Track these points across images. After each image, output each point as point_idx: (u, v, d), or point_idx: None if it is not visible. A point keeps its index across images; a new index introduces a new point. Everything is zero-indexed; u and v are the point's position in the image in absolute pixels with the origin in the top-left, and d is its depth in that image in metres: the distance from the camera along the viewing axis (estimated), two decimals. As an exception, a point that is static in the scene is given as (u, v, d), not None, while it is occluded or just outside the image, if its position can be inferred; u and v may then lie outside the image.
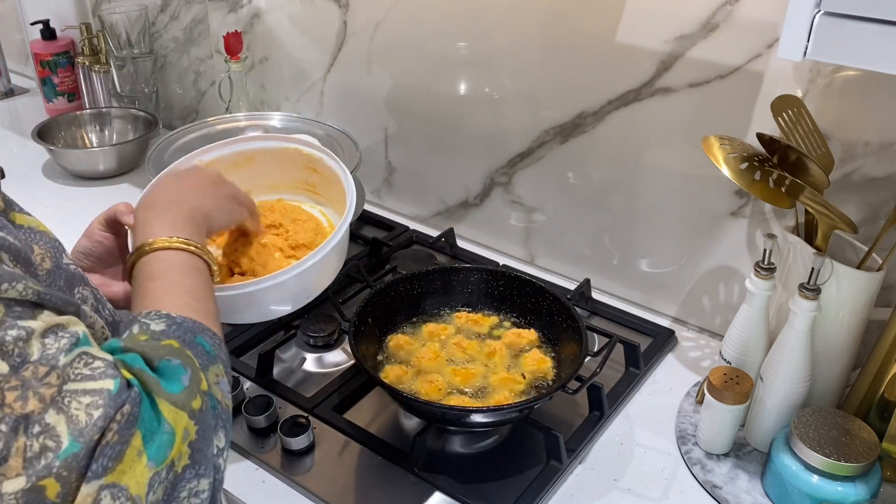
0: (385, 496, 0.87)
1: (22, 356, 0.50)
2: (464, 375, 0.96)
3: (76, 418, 0.50)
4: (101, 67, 1.73)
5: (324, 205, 1.05)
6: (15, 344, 0.49)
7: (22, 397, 0.49)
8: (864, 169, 0.93)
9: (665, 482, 0.91)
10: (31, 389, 0.49)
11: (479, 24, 1.20)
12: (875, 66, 0.61)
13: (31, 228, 0.59)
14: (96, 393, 0.51)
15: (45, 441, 0.48)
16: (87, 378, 0.51)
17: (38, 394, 0.49)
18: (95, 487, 0.49)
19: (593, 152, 1.16)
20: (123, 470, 0.50)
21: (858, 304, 0.88)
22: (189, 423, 0.55)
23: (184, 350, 0.59)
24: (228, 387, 0.63)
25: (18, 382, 0.49)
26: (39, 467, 0.48)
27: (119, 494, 0.50)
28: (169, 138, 1.30)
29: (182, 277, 0.67)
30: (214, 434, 0.58)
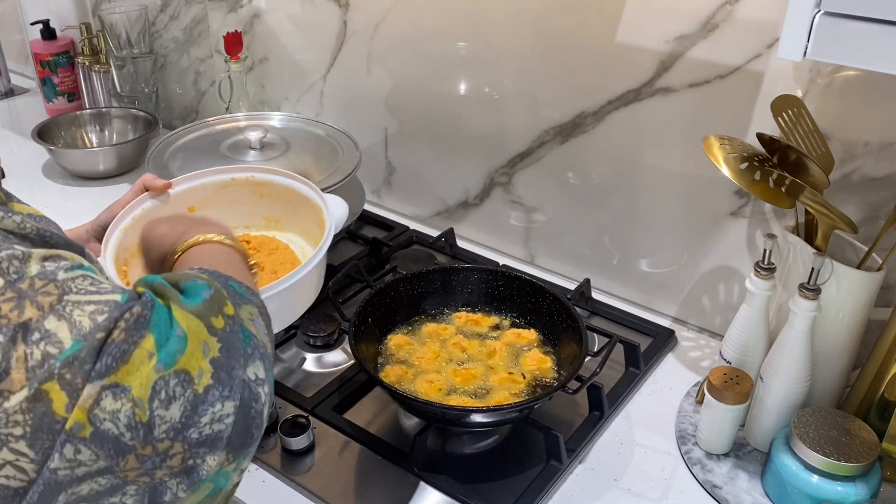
0: (385, 496, 0.87)
1: (19, 273, 0.47)
2: (464, 376, 0.96)
3: (79, 323, 0.46)
4: (101, 67, 1.73)
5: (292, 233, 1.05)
6: (10, 261, 0.47)
7: (18, 307, 0.46)
8: (864, 169, 0.93)
9: (665, 482, 0.91)
10: (28, 299, 0.46)
11: (479, 24, 1.20)
12: (875, 66, 0.61)
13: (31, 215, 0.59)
14: (101, 303, 0.48)
15: (47, 347, 0.45)
16: (91, 292, 0.48)
17: (35, 302, 0.46)
18: (97, 388, 0.46)
19: (593, 152, 1.16)
20: (129, 370, 0.46)
21: (858, 304, 0.88)
22: (209, 337, 0.50)
23: (213, 280, 0.55)
24: (266, 329, 0.57)
25: (14, 294, 0.46)
26: (41, 372, 0.45)
27: (121, 395, 0.46)
28: (169, 138, 1.30)
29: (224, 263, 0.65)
30: (250, 361, 0.52)
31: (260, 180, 1.01)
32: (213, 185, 0.99)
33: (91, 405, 0.45)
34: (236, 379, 0.51)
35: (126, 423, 0.46)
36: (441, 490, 0.88)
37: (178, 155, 1.26)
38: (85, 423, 0.45)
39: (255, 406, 0.52)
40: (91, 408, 0.45)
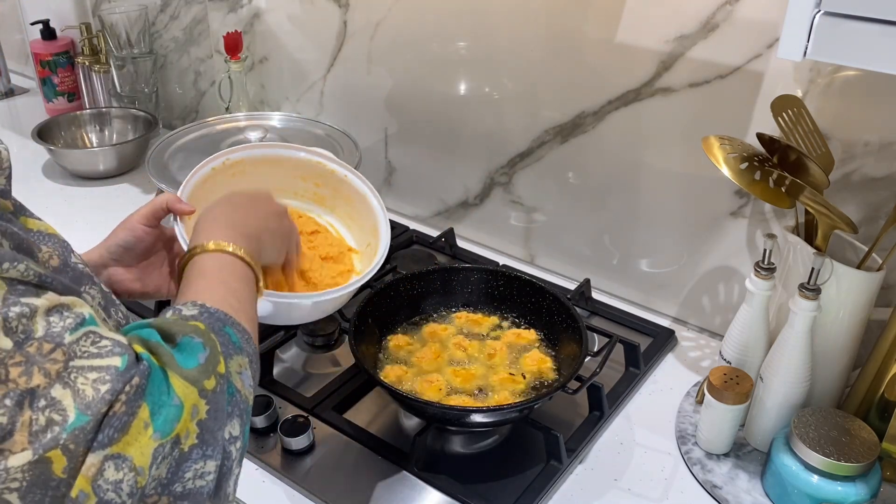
0: (385, 496, 0.87)
1: (26, 332, 0.49)
2: (464, 376, 0.96)
3: (83, 392, 0.49)
4: (101, 67, 1.73)
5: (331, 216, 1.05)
6: (18, 321, 0.49)
7: (26, 373, 0.48)
8: (864, 169, 0.93)
9: (665, 482, 0.91)
10: (36, 365, 0.49)
11: (479, 24, 1.20)
12: (875, 66, 0.61)
13: (40, 232, 0.59)
14: (103, 369, 0.50)
15: (52, 415, 0.48)
16: (94, 356, 0.51)
17: (42, 369, 0.49)
18: (100, 458, 0.49)
19: (593, 152, 1.16)
20: (129, 441, 0.50)
21: (858, 304, 0.88)
22: (199, 400, 0.54)
23: (208, 333, 0.58)
24: (252, 381, 0.62)
25: (22, 358, 0.48)
26: (46, 440, 0.47)
27: (122, 465, 0.50)
28: (169, 138, 1.30)
29: (230, 279, 0.68)
30: (229, 420, 0.57)
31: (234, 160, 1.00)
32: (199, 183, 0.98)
33: (94, 474, 0.49)
34: (219, 440, 0.56)
35: (128, 492, 0.50)
36: (441, 490, 0.88)
37: (178, 155, 1.26)
38: (90, 493, 0.49)
39: (227, 463, 0.57)
40: (94, 477, 0.49)
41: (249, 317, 0.66)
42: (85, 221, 1.42)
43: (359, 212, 1.01)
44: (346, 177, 1.01)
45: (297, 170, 1.03)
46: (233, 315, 0.63)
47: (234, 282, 0.68)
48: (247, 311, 0.66)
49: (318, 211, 1.06)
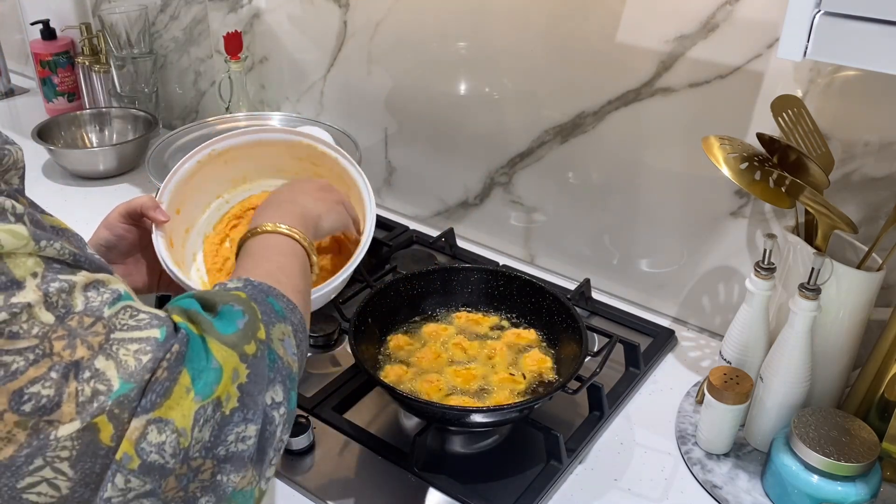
0: (385, 496, 0.87)
1: (66, 307, 0.50)
2: (464, 376, 0.96)
3: (125, 363, 0.50)
4: (101, 67, 1.73)
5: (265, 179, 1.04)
6: (58, 296, 0.50)
7: (70, 346, 0.49)
8: (864, 169, 0.93)
9: (665, 482, 0.91)
10: (79, 338, 0.50)
11: (479, 24, 1.20)
12: (875, 66, 0.61)
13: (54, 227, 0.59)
14: (143, 341, 0.52)
15: (97, 385, 0.49)
16: (133, 328, 0.52)
17: (85, 342, 0.50)
18: (143, 422, 0.50)
19: (593, 152, 1.16)
20: (171, 405, 0.51)
21: (858, 304, 0.88)
22: (240, 364, 0.56)
23: (249, 301, 0.60)
24: (296, 349, 0.62)
25: (65, 332, 0.49)
26: (93, 409, 0.49)
27: (165, 428, 0.51)
28: (169, 138, 1.30)
29: (277, 255, 0.70)
30: (271, 385, 0.58)
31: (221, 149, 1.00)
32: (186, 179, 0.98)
33: (137, 438, 0.50)
34: (259, 404, 0.57)
35: (171, 452, 0.51)
36: (441, 490, 0.88)
37: (178, 155, 1.26)
38: (133, 455, 0.50)
39: (270, 428, 0.58)
40: (138, 440, 0.50)
41: (297, 289, 0.68)
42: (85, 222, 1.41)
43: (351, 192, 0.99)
44: (337, 159, 1.00)
45: (289, 150, 1.02)
46: (278, 287, 0.64)
47: (280, 257, 0.70)
48: (294, 284, 0.68)
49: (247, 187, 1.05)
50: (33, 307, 0.48)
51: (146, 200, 0.87)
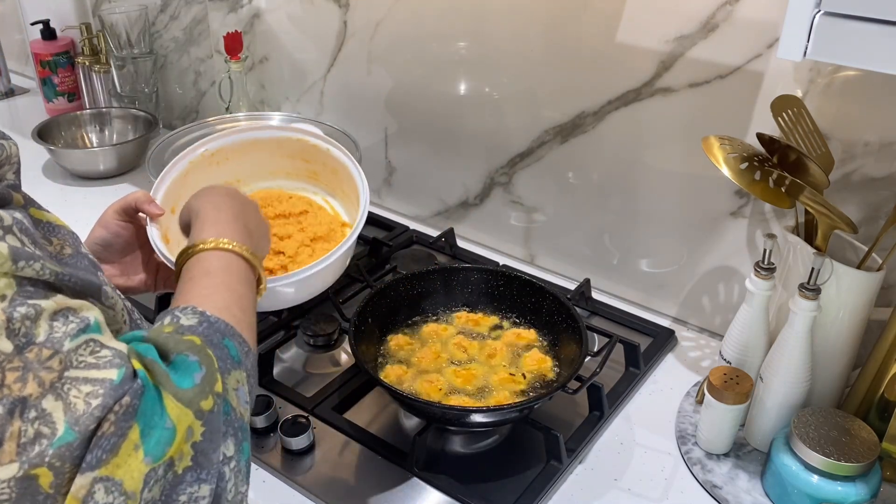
0: (385, 496, 0.87)
1: (27, 336, 0.48)
2: (465, 376, 0.96)
3: (74, 406, 0.48)
4: (101, 67, 1.73)
5: (326, 192, 1.05)
6: (22, 322, 0.48)
7: (21, 379, 0.47)
8: (864, 169, 0.93)
9: (665, 482, 0.91)
10: (32, 372, 0.48)
11: (479, 24, 1.20)
12: (875, 66, 0.61)
13: (49, 223, 0.59)
14: (97, 382, 0.49)
15: (40, 427, 0.47)
16: (91, 366, 0.50)
17: (38, 377, 0.48)
18: (89, 479, 0.48)
19: (593, 152, 1.16)
20: (118, 463, 0.48)
21: (858, 304, 0.88)
22: (195, 422, 0.53)
23: (205, 348, 0.57)
24: (248, 397, 0.60)
25: (21, 364, 0.48)
26: (33, 454, 0.47)
27: (113, 489, 0.48)
28: (169, 138, 1.30)
29: (236, 283, 0.67)
30: (223, 440, 0.55)
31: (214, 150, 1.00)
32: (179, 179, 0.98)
33: (84, 496, 0.47)
34: (214, 462, 0.54)
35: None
36: (441, 490, 0.88)
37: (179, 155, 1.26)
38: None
39: (222, 484, 0.55)
40: (84, 499, 0.47)
41: (250, 324, 0.65)
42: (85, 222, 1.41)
43: (347, 183, 0.99)
44: (328, 150, 0.99)
45: (280, 149, 1.02)
46: (234, 325, 0.61)
47: (237, 285, 0.67)
48: (248, 320, 0.65)
49: (314, 188, 1.04)
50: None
51: (140, 195, 0.85)
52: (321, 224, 0.99)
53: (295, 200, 1.01)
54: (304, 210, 1.00)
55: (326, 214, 1.01)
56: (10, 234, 0.50)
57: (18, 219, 0.52)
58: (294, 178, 1.05)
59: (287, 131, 1.01)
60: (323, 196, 1.04)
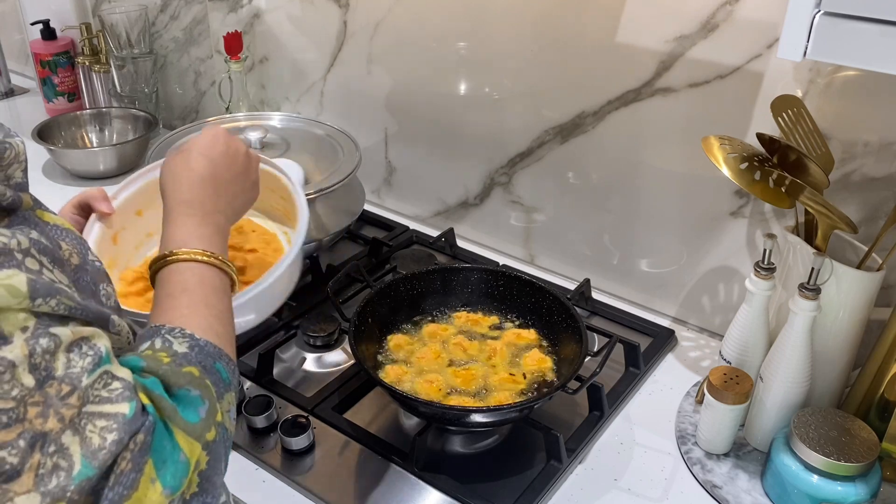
0: (385, 496, 0.87)
1: (47, 370, 0.50)
2: (464, 376, 0.96)
3: (90, 441, 0.50)
4: (101, 67, 1.73)
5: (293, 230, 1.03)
6: (42, 356, 0.49)
7: (43, 414, 0.49)
8: (864, 169, 0.93)
9: (665, 482, 0.91)
10: (53, 408, 0.49)
11: (479, 25, 1.20)
12: (875, 66, 0.61)
13: (57, 226, 0.59)
14: (111, 417, 0.51)
15: (58, 460, 0.49)
16: (104, 400, 0.52)
17: (58, 413, 0.49)
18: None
19: (593, 152, 1.16)
20: (139, 498, 0.51)
21: (858, 304, 0.88)
22: (202, 453, 0.56)
23: (204, 379, 0.59)
24: (234, 413, 0.63)
25: (42, 398, 0.49)
26: (52, 486, 0.48)
27: None
28: (169, 138, 1.30)
29: (213, 298, 0.67)
30: (223, 461, 0.59)
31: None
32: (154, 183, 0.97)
33: None
34: (217, 485, 0.58)
35: None
36: (441, 490, 0.88)
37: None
38: None
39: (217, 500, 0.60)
40: None
41: (230, 337, 0.66)
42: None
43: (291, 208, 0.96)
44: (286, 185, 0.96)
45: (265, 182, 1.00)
46: (220, 345, 0.63)
47: (215, 300, 0.67)
48: (229, 334, 0.66)
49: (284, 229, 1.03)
50: (17, 367, 0.48)
51: (95, 192, 0.87)
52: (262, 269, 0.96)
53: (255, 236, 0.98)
54: (253, 248, 0.98)
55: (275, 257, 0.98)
56: (29, 257, 0.51)
57: (35, 238, 0.53)
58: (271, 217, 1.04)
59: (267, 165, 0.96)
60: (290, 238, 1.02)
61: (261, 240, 1.01)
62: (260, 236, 1.01)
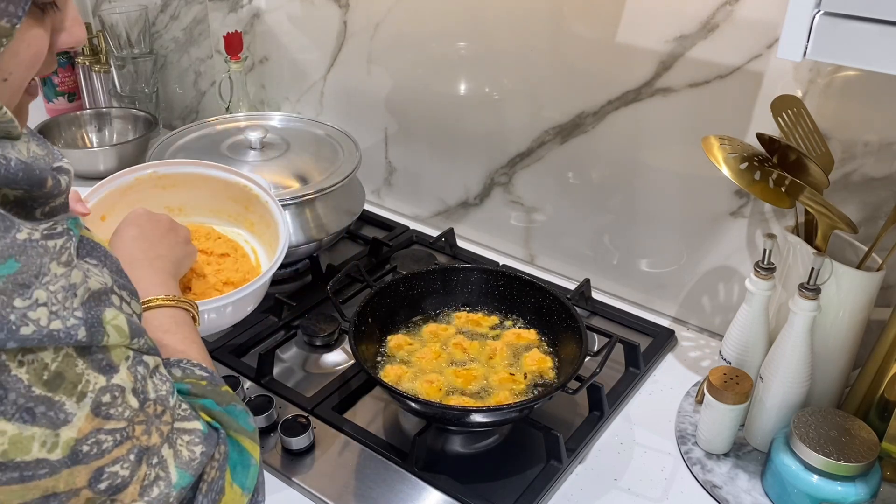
0: (385, 496, 0.87)
1: (144, 393, 0.55)
2: (465, 376, 0.95)
3: (181, 453, 0.57)
4: (101, 67, 1.73)
5: (258, 243, 1.07)
6: (140, 382, 0.55)
7: (147, 431, 0.55)
8: (863, 169, 0.93)
9: (665, 482, 0.91)
10: (154, 425, 0.55)
11: (479, 24, 1.20)
12: (875, 66, 0.61)
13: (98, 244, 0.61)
14: (192, 433, 0.58)
15: (159, 471, 0.55)
16: (184, 419, 0.59)
17: (158, 429, 0.56)
18: None
19: (593, 152, 1.16)
20: (227, 501, 0.59)
21: (858, 304, 0.88)
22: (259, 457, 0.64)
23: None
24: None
25: (144, 417, 0.55)
26: (154, 495, 0.54)
27: None
28: (169, 138, 1.30)
29: (191, 333, 0.74)
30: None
31: (163, 174, 1.03)
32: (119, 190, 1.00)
33: None
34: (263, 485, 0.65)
35: None
36: (441, 490, 0.88)
37: (179, 155, 1.26)
38: None
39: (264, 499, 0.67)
40: None
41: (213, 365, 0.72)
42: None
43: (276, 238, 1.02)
44: (267, 203, 1.03)
45: (227, 191, 1.05)
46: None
47: (193, 335, 0.74)
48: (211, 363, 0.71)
49: (247, 236, 1.07)
50: (125, 391, 0.53)
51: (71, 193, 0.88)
52: (238, 271, 0.99)
53: (222, 242, 1.03)
54: (225, 253, 1.01)
55: (247, 263, 1.02)
56: (114, 294, 0.56)
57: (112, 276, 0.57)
58: (232, 223, 1.08)
59: (236, 176, 1.04)
60: (252, 246, 1.06)
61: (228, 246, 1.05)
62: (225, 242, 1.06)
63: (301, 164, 1.24)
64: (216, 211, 1.07)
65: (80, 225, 0.57)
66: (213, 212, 1.07)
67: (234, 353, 1.08)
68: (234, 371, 1.05)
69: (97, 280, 0.54)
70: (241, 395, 0.99)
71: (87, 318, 0.51)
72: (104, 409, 0.52)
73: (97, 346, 0.52)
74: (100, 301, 0.53)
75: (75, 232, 0.55)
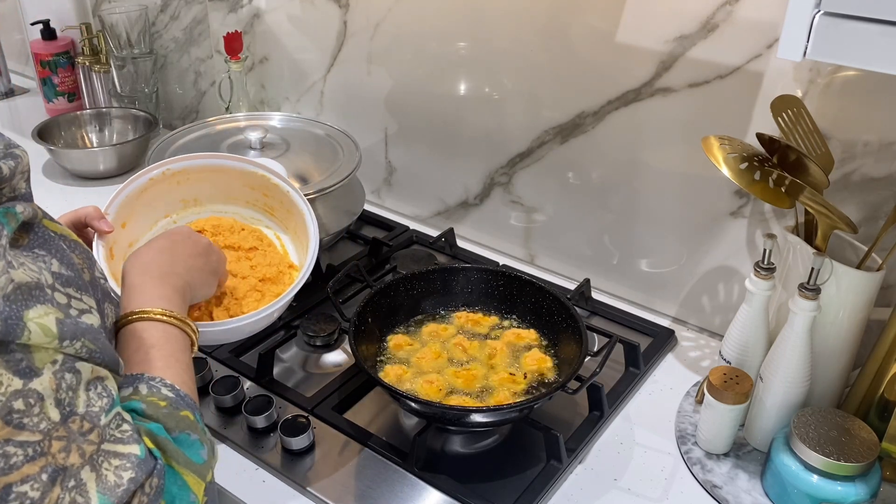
0: (385, 496, 0.87)
1: (70, 406, 0.50)
2: (465, 377, 0.96)
3: (105, 478, 0.51)
4: (101, 67, 1.73)
5: (279, 228, 1.06)
6: (66, 392, 0.50)
7: (66, 449, 0.50)
8: (863, 169, 0.93)
9: (665, 482, 0.91)
10: (75, 443, 0.50)
11: (479, 24, 1.20)
12: (875, 66, 0.61)
13: (65, 236, 0.59)
14: (125, 457, 0.53)
15: (76, 496, 0.50)
16: (118, 441, 0.53)
17: (80, 448, 0.50)
18: None
19: (593, 152, 1.16)
20: None
21: (858, 304, 0.88)
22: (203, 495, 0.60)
23: (197, 424, 0.63)
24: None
25: (65, 433, 0.50)
26: None
27: None
28: (169, 138, 1.30)
29: (180, 353, 0.70)
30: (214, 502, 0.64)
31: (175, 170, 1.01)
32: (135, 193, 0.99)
33: None
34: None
35: None
36: (441, 490, 0.88)
37: (179, 155, 1.26)
38: None
39: None
40: None
41: (195, 387, 0.69)
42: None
43: (300, 227, 1.01)
44: (288, 192, 1.01)
45: (242, 178, 1.04)
46: (192, 395, 0.66)
47: (182, 355, 0.70)
48: (194, 385, 0.69)
49: (267, 222, 1.06)
50: (45, 401, 0.49)
51: (91, 210, 0.86)
52: (270, 265, 0.98)
53: (246, 234, 1.02)
54: (253, 246, 1.00)
55: (276, 253, 1.01)
56: (57, 292, 0.52)
57: (56, 272, 0.53)
58: (251, 208, 1.06)
59: (253, 166, 1.03)
60: (275, 231, 1.05)
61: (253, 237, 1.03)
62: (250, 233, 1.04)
63: (301, 164, 1.23)
64: (233, 198, 1.05)
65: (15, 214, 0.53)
66: (230, 198, 1.05)
67: (234, 352, 1.08)
68: (234, 371, 1.05)
69: (27, 273, 0.50)
70: (241, 396, 0.99)
71: (3, 310, 0.47)
72: (16, 416, 0.47)
73: (16, 344, 0.47)
74: (29, 296, 0.49)
75: (4, 221, 0.51)
